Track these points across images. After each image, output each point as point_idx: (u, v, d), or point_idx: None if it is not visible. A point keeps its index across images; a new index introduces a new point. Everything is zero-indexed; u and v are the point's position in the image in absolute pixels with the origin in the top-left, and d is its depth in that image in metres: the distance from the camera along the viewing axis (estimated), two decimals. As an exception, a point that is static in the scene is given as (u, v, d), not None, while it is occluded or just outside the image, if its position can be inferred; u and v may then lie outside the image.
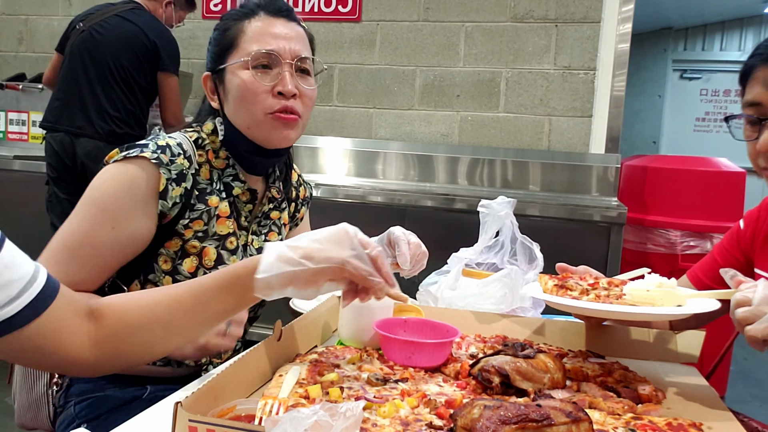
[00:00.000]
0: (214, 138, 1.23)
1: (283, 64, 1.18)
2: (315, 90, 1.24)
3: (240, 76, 1.17)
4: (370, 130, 3.36)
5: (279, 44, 1.18)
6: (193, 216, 1.17)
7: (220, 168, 1.23)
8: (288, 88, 1.17)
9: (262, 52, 1.17)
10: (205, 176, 1.20)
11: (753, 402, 3.25)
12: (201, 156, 1.20)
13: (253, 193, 1.27)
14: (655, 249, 3.05)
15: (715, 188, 3.10)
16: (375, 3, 3.29)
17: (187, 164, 1.16)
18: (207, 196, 1.19)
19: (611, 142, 3.01)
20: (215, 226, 1.20)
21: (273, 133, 1.19)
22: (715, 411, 0.91)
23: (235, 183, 1.23)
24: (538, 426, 0.67)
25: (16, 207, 3.27)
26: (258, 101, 1.17)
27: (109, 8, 2.93)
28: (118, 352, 0.87)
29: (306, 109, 1.22)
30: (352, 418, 0.61)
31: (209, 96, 1.25)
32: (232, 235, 1.23)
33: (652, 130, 6.90)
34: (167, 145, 1.14)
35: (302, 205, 1.47)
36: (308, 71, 1.23)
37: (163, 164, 1.11)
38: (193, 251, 1.17)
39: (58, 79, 2.94)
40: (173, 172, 1.13)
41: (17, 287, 0.77)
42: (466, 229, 1.54)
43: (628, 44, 2.98)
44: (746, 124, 1.13)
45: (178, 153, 1.14)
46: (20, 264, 0.79)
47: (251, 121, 1.18)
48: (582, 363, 1.04)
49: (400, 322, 1.10)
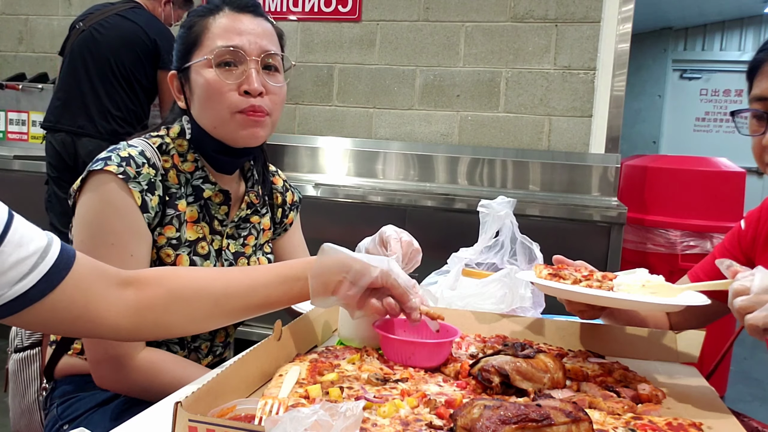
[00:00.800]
0: (181, 141, 1.20)
1: (249, 61, 1.14)
2: (284, 87, 1.20)
3: (204, 74, 1.14)
4: (370, 130, 3.36)
5: (244, 40, 1.14)
6: (165, 221, 1.15)
7: (189, 171, 1.20)
8: (254, 86, 1.13)
9: (226, 49, 1.13)
10: (173, 181, 1.17)
11: (753, 402, 3.25)
12: (166, 161, 1.17)
13: (226, 194, 1.23)
14: (655, 249, 3.05)
15: (715, 188, 3.10)
16: (375, 3, 3.29)
17: (153, 172, 1.13)
18: (176, 200, 1.17)
19: (611, 142, 3.01)
20: (186, 232, 1.18)
21: (240, 132, 1.16)
22: (715, 411, 0.91)
23: (206, 185, 1.20)
24: (538, 426, 0.67)
25: (16, 207, 3.22)
26: (223, 100, 1.13)
27: (109, 8, 2.93)
28: (159, 321, 0.90)
29: (275, 107, 1.19)
30: (352, 417, 0.61)
31: (176, 95, 1.22)
32: (202, 239, 1.20)
33: (652, 130, 6.91)
34: (130, 156, 1.10)
35: (291, 210, 1.45)
36: (276, 68, 1.19)
37: (131, 179, 1.08)
38: (168, 260, 1.15)
39: (59, 79, 2.94)
40: (143, 183, 1.10)
41: (29, 264, 0.78)
42: (466, 229, 1.54)
43: (628, 44, 2.98)
44: (752, 119, 1.14)
45: (142, 163, 1.11)
46: (31, 240, 0.79)
47: (217, 120, 1.15)
48: (582, 363, 1.04)
49: (400, 322, 1.10)
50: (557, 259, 1.19)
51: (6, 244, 0.76)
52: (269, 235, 1.38)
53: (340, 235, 2.65)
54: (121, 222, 1.07)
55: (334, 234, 1.47)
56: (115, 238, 1.07)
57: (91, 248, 1.04)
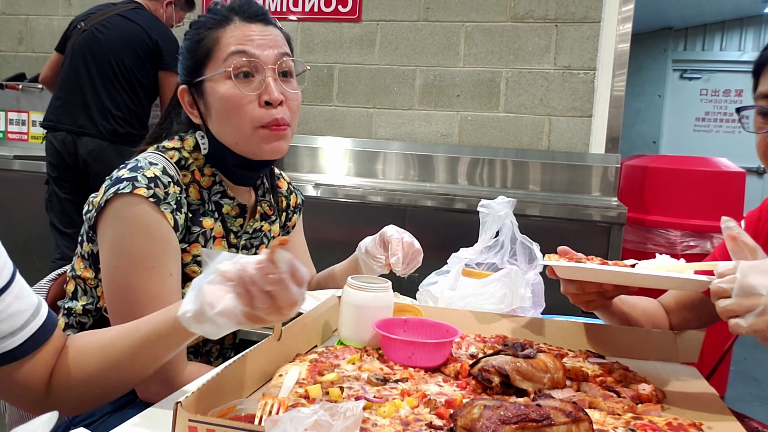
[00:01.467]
0: (197, 155, 1.17)
1: (266, 69, 1.12)
2: (299, 93, 1.19)
3: (221, 88, 1.11)
4: (370, 130, 3.36)
5: (258, 50, 1.12)
6: (190, 239, 1.13)
7: (207, 186, 1.18)
8: (275, 95, 1.11)
9: (243, 60, 1.11)
10: (194, 197, 1.16)
11: (753, 402, 3.25)
12: (186, 176, 1.15)
13: (243, 208, 1.23)
14: (655, 249, 3.05)
15: (715, 188, 3.10)
16: (375, 3, 3.29)
17: (178, 190, 1.11)
18: (200, 217, 1.15)
19: (611, 142, 3.01)
20: (213, 248, 1.17)
21: (264, 147, 1.14)
22: (715, 411, 0.91)
23: (224, 200, 1.19)
24: (538, 426, 0.67)
25: (16, 207, 3.27)
26: (244, 114, 1.11)
27: (111, 8, 2.93)
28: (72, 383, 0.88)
29: (293, 115, 1.17)
30: (352, 417, 0.61)
31: (188, 110, 1.18)
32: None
33: (652, 130, 6.91)
34: (155, 176, 1.08)
35: (294, 213, 1.44)
36: (291, 73, 1.18)
37: (162, 201, 1.06)
38: (194, 275, 1.14)
39: (59, 79, 2.94)
40: (172, 203, 1.08)
41: (22, 318, 0.77)
42: (466, 229, 1.54)
43: (628, 44, 2.98)
44: (757, 116, 1.14)
45: (168, 182, 1.09)
46: (28, 295, 0.79)
47: (239, 135, 1.13)
48: (582, 363, 1.04)
49: (400, 322, 1.10)
50: (563, 249, 1.15)
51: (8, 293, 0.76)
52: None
53: (340, 235, 2.66)
54: (158, 245, 1.06)
55: (334, 234, 1.48)
56: (155, 261, 1.05)
57: (131, 273, 1.04)
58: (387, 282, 1.12)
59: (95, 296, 1.17)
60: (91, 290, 1.18)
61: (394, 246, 1.27)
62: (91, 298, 1.18)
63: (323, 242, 1.53)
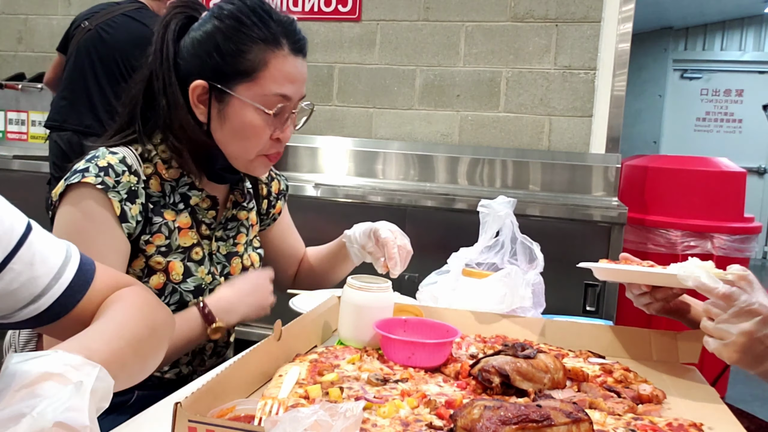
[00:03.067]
0: (164, 147, 1.16)
1: (290, 108, 1.14)
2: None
3: (249, 114, 1.10)
4: (370, 129, 3.36)
5: (294, 90, 1.13)
6: (153, 230, 1.13)
7: (174, 178, 1.17)
8: (287, 137, 1.16)
9: (281, 100, 1.11)
10: (155, 189, 1.15)
11: (753, 402, 3.24)
12: (148, 168, 1.14)
13: (214, 200, 1.22)
14: (655, 249, 3.05)
15: (715, 188, 3.10)
16: (375, 3, 3.29)
17: (134, 179, 1.10)
18: (162, 209, 1.15)
19: (611, 142, 3.01)
20: (178, 238, 1.16)
21: (256, 169, 1.19)
22: (716, 411, 0.91)
23: (192, 192, 1.19)
24: (538, 426, 0.67)
25: (16, 207, 3.26)
26: (257, 143, 1.13)
27: (115, 7, 2.93)
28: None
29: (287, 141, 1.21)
30: (352, 418, 0.61)
31: (194, 103, 1.12)
32: (197, 245, 1.19)
33: (653, 130, 6.91)
34: (109, 165, 1.08)
35: (277, 200, 1.44)
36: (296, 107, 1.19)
37: (110, 188, 1.06)
38: (158, 267, 1.13)
39: (64, 78, 2.94)
40: (122, 192, 1.08)
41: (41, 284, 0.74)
42: (466, 229, 1.54)
43: (628, 44, 2.98)
44: None
45: (122, 171, 1.08)
46: (42, 260, 0.75)
47: (241, 155, 1.15)
48: (582, 363, 1.04)
49: (400, 322, 1.10)
50: (623, 256, 1.19)
51: (15, 261, 0.72)
52: (257, 229, 1.38)
53: (340, 235, 2.65)
54: (100, 237, 1.06)
55: (334, 234, 1.47)
56: (95, 253, 1.01)
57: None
58: (387, 282, 1.12)
59: None
60: None
61: (390, 250, 1.27)
62: None
63: (323, 242, 1.52)
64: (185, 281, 1.16)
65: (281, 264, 1.48)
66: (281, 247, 1.48)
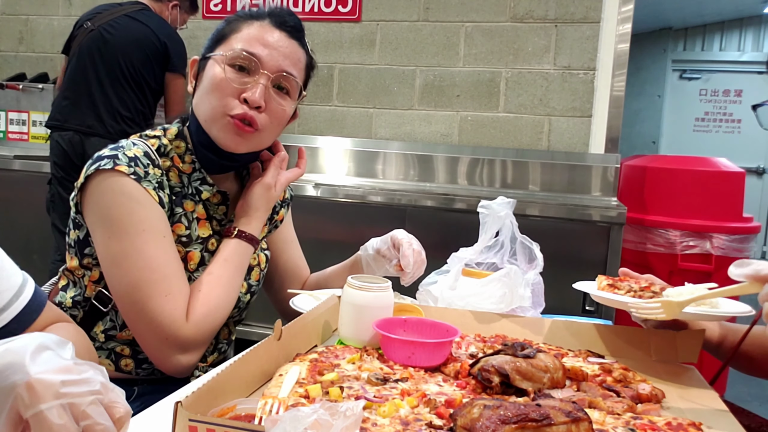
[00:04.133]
0: (178, 143, 1.21)
1: (261, 74, 1.14)
2: (286, 111, 1.20)
3: (215, 68, 1.15)
4: (370, 130, 3.36)
5: (265, 52, 1.15)
6: (173, 220, 1.16)
7: (187, 172, 1.21)
8: (255, 97, 1.13)
9: (244, 54, 1.14)
10: (175, 180, 1.19)
11: (753, 402, 3.25)
12: (165, 162, 1.18)
13: (224, 195, 1.25)
14: (654, 249, 3.05)
15: (714, 188, 3.10)
16: (375, 3, 3.29)
17: (159, 172, 1.14)
18: (183, 199, 1.19)
19: (611, 142, 3.01)
20: (197, 229, 1.20)
21: (223, 134, 1.16)
22: (715, 411, 0.91)
23: (204, 187, 1.22)
24: (538, 426, 0.67)
25: (16, 207, 3.27)
26: (221, 98, 1.14)
27: (117, 8, 2.94)
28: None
29: (271, 126, 1.18)
30: (353, 417, 0.61)
31: (190, 79, 1.24)
32: (213, 236, 1.23)
33: (652, 130, 6.91)
34: (136, 156, 1.12)
35: (281, 207, 1.45)
36: (288, 91, 1.20)
37: (142, 178, 1.10)
38: (179, 256, 1.16)
39: (65, 78, 2.94)
40: (153, 181, 1.12)
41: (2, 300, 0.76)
42: (466, 229, 1.54)
43: (627, 44, 2.98)
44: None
45: (147, 163, 1.13)
46: (7, 277, 0.77)
47: (209, 114, 1.16)
48: (582, 363, 1.04)
49: (400, 322, 1.10)
50: (622, 271, 1.20)
51: None
52: (264, 231, 1.39)
53: (340, 235, 2.66)
54: (145, 210, 1.09)
55: (334, 234, 1.47)
56: (146, 224, 1.08)
57: (124, 238, 1.06)
58: (387, 282, 1.12)
59: (83, 286, 1.18)
60: (78, 280, 1.19)
61: (405, 249, 1.29)
62: (79, 289, 1.19)
63: (323, 242, 1.53)
64: (198, 270, 1.19)
65: (281, 279, 1.47)
66: (282, 257, 1.46)
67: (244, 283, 1.28)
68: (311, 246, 1.56)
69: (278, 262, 1.46)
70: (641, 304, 1.04)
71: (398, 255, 1.31)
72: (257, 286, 1.34)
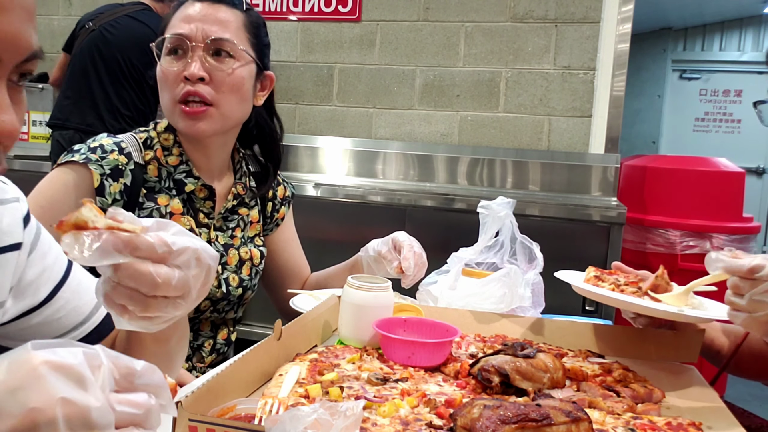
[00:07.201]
0: (167, 135, 1.22)
1: (194, 47, 1.14)
2: (234, 73, 1.17)
3: (159, 66, 1.18)
4: (370, 130, 3.36)
5: (191, 27, 1.15)
6: (142, 215, 1.16)
7: (173, 165, 1.21)
8: (190, 71, 1.13)
9: (170, 38, 1.16)
10: (153, 174, 1.19)
11: (753, 402, 3.24)
12: (148, 154, 1.19)
13: (211, 190, 1.24)
14: (654, 249, 3.05)
15: (714, 188, 3.10)
16: (375, 3, 3.29)
17: (124, 160, 1.14)
18: (156, 194, 1.19)
19: (611, 142, 3.01)
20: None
21: (182, 123, 1.17)
22: (715, 410, 0.91)
23: (188, 179, 1.21)
24: (538, 425, 0.67)
25: (16, 207, 3.26)
26: (169, 89, 1.16)
27: (118, 8, 2.95)
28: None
29: (222, 96, 1.16)
30: (353, 417, 0.61)
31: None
32: (191, 231, 1.21)
33: (652, 130, 6.91)
34: (100, 145, 1.14)
35: (282, 205, 1.44)
36: (230, 54, 1.17)
37: (92, 161, 1.11)
38: None
39: (67, 78, 2.95)
40: (106, 167, 1.12)
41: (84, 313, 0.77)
42: (466, 229, 1.54)
43: (627, 44, 2.98)
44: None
45: (110, 150, 1.14)
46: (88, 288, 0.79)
47: (167, 109, 1.18)
48: (582, 363, 1.04)
49: (400, 322, 1.10)
50: (615, 265, 1.19)
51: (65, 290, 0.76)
52: (258, 228, 1.38)
53: (340, 235, 2.65)
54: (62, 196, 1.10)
55: (334, 234, 1.47)
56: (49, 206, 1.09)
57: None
58: (387, 282, 1.12)
59: None
60: None
61: (406, 251, 1.29)
62: None
63: (323, 242, 1.53)
64: None
65: (282, 278, 1.47)
66: (283, 256, 1.46)
67: (236, 278, 1.27)
68: (311, 246, 1.56)
69: (279, 261, 1.45)
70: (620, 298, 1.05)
71: (399, 257, 1.31)
72: (250, 281, 1.33)
